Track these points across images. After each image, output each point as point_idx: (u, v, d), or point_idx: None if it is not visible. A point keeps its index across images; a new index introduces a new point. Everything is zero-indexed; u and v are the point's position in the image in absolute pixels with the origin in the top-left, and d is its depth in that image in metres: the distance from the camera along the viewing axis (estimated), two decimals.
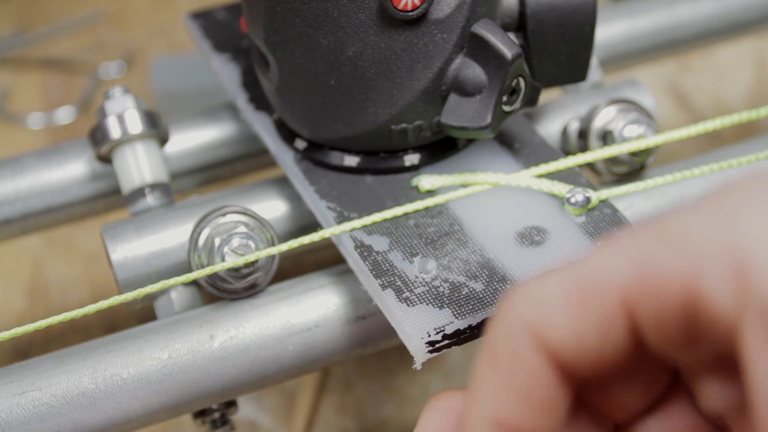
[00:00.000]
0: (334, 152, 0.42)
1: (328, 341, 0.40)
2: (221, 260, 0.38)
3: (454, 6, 0.38)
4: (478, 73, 0.39)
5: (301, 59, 0.39)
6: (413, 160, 0.41)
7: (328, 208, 0.40)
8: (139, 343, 0.38)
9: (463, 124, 0.39)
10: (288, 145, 0.43)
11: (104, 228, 0.42)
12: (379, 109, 0.40)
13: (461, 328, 0.34)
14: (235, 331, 0.39)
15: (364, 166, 0.41)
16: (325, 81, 0.39)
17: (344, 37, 0.38)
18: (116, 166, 0.44)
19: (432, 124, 0.40)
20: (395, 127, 0.40)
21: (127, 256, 0.41)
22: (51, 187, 0.46)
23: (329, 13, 0.37)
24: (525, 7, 0.40)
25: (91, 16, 0.82)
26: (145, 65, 0.76)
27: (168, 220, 0.42)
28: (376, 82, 0.39)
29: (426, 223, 0.39)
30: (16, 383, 0.37)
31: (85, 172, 0.46)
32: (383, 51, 0.38)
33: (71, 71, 0.77)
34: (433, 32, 0.38)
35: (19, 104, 0.74)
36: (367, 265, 0.37)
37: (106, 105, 0.44)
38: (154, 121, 0.44)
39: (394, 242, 0.38)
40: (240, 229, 0.39)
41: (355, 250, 0.37)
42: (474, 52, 0.39)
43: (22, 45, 0.79)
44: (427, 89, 0.39)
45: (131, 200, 0.43)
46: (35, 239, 0.63)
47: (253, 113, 0.45)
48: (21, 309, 0.59)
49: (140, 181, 0.43)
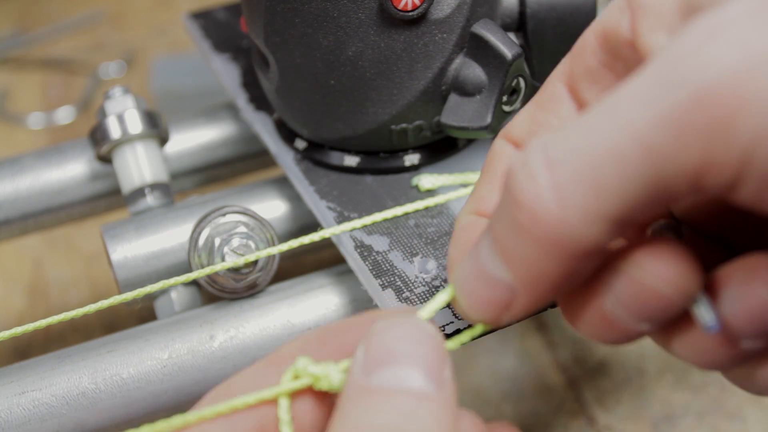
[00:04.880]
0: (334, 152, 0.42)
1: None
2: (221, 260, 0.38)
3: (454, 6, 0.38)
4: (478, 73, 0.39)
5: (301, 59, 0.39)
6: (413, 160, 0.41)
7: (328, 208, 0.40)
8: (139, 343, 0.38)
9: (463, 124, 0.39)
10: (288, 145, 0.43)
11: (104, 228, 0.41)
12: (379, 109, 0.40)
13: (461, 327, 0.34)
14: (235, 331, 0.39)
15: (364, 166, 0.41)
16: (325, 81, 0.39)
17: (344, 37, 0.38)
18: (116, 166, 0.44)
19: (432, 124, 0.40)
20: (395, 127, 0.40)
21: (127, 256, 0.41)
22: (51, 187, 0.46)
23: (329, 13, 0.37)
24: (525, 7, 0.40)
25: (91, 16, 0.82)
26: (145, 65, 0.76)
27: (168, 220, 0.42)
28: (376, 82, 0.39)
29: (426, 223, 0.39)
30: (16, 383, 0.37)
31: (85, 172, 0.46)
32: (383, 51, 0.38)
33: (71, 71, 0.77)
34: (433, 32, 0.38)
35: (19, 104, 0.74)
36: (367, 265, 0.37)
37: (106, 105, 0.44)
38: (154, 121, 0.44)
39: (394, 242, 0.38)
40: (240, 229, 0.39)
41: (355, 250, 0.37)
42: (474, 52, 0.39)
43: (22, 45, 0.79)
44: (427, 89, 0.39)
45: (131, 200, 0.43)
46: (35, 239, 0.63)
47: (253, 113, 0.45)
48: (21, 309, 0.59)
49: (140, 181, 0.43)
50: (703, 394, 0.52)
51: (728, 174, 0.22)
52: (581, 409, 0.51)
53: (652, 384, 0.52)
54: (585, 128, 0.23)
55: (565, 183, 0.23)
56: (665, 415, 0.51)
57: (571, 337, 0.55)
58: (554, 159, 0.23)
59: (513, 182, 0.24)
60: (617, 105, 0.23)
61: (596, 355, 0.54)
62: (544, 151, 0.24)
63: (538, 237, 0.24)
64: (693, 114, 0.21)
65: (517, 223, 0.24)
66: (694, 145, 0.22)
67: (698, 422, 0.50)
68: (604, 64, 0.28)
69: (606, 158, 0.22)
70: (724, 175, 0.22)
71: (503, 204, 0.25)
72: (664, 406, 0.51)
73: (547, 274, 0.24)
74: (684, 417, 0.51)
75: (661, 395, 0.52)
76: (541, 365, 0.54)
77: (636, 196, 0.23)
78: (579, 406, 0.51)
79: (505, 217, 0.25)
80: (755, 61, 0.21)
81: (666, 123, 0.22)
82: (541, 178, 0.23)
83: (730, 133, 0.21)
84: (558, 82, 0.30)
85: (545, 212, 0.23)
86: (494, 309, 0.26)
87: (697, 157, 0.22)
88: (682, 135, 0.22)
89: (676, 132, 0.22)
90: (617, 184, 0.22)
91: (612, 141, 0.22)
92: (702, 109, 0.21)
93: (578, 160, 0.23)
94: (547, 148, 0.24)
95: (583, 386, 0.52)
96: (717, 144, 0.22)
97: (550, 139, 0.24)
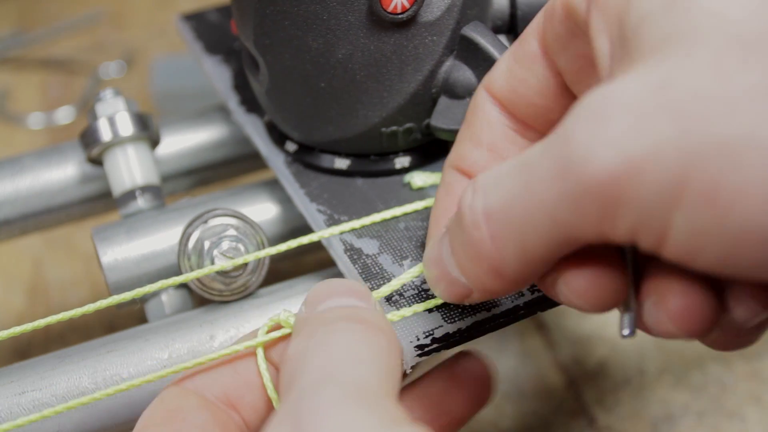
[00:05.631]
0: (325, 155, 0.41)
1: None
2: (211, 263, 0.38)
3: (444, 8, 0.38)
4: (468, 76, 0.38)
5: (291, 62, 0.39)
6: (404, 162, 0.41)
7: (318, 211, 0.40)
8: (139, 343, 0.38)
9: (453, 127, 0.39)
10: (279, 147, 0.43)
11: (95, 230, 0.41)
12: (369, 112, 0.39)
13: (450, 331, 0.34)
14: (235, 331, 0.38)
15: (355, 169, 0.41)
16: (315, 84, 0.39)
17: (334, 40, 0.38)
18: (107, 168, 0.44)
19: (422, 127, 0.40)
20: (385, 130, 0.40)
21: (118, 258, 0.41)
22: (51, 187, 0.46)
23: (319, 15, 0.37)
24: (516, 9, 0.40)
25: (91, 16, 0.82)
26: (145, 65, 0.76)
27: (159, 223, 0.42)
28: (366, 84, 0.39)
29: (416, 226, 0.38)
30: (16, 383, 0.37)
31: (85, 172, 0.46)
32: (373, 53, 0.38)
33: (71, 71, 0.77)
34: (423, 35, 0.38)
35: (19, 104, 0.74)
36: (357, 269, 0.37)
37: (97, 107, 0.44)
38: (145, 123, 0.44)
39: (384, 245, 0.38)
40: (230, 232, 0.38)
41: (345, 254, 0.37)
42: (464, 55, 0.39)
43: (22, 45, 0.79)
44: (417, 92, 0.39)
45: (122, 203, 0.43)
46: (35, 239, 0.63)
47: (245, 115, 0.45)
48: (21, 309, 0.59)
49: (131, 183, 0.43)
50: (703, 394, 0.51)
51: (626, 241, 0.26)
52: (581, 409, 0.51)
53: (652, 384, 0.52)
54: (513, 185, 0.27)
55: (499, 235, 0.28)
56: (665, 415, 0.51)
57: (571, 337, 0.55)
58: (490, 210, 0.28)
59: (464, 224, 0.29)
60: (531, 176, 0.26)
61: (596, 355, 0.54)
62: (485, 198, 0.28)
63: (484, 267, 0.29)
64: (584, 199, 0.25)
65: (468, 253, 0.29)
66: (589, 221, 0.25)
67: (698, 422, 0.50)
68: (570, 33, 0.31)
69: (526, 222, 0.27)
70: (622, 242, 0.26)
71: (458, 231, 0.29)
72: (664, 406, 0.51)
73: (495, 289, 0.30)
74: (684, 417, 0.50)
75: (661, 395, 0.51)
76: (541, 365, 0.53)
77: (553, 247, 0.27)
78: (579, 406, 0.51)
79: (458, 241, 0.30)
80: (633, 166, 0.24)
81: (565, 202, 0.25)
82: (482, 229, 0.28)
83: (615, 216, 0.25)
84: (533, 39, 0.33)
85: (487, 253, 0.28)
86: (455, 297, 0.31)
87: (593, 229, 0.26)
88: (578, 212, 0.25)
89: (573, 209, 0.25)
90: (536, 240, 0.27)
91: (529, 210, 0.27)
92: (590, 197, 0.25)
93: (506, 218, 0.27)
94: (487, 195, 0.28)
95: (583, 386, 0.52)
96: (606, 223, 0.25)
97: (490, 186, 0.28)
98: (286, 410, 0.26)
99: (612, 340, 0.54)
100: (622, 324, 0.29)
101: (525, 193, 0.27)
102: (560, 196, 0.25)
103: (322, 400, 0.26)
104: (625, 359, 0.54)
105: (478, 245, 0.28)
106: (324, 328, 0.29)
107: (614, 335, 0.54)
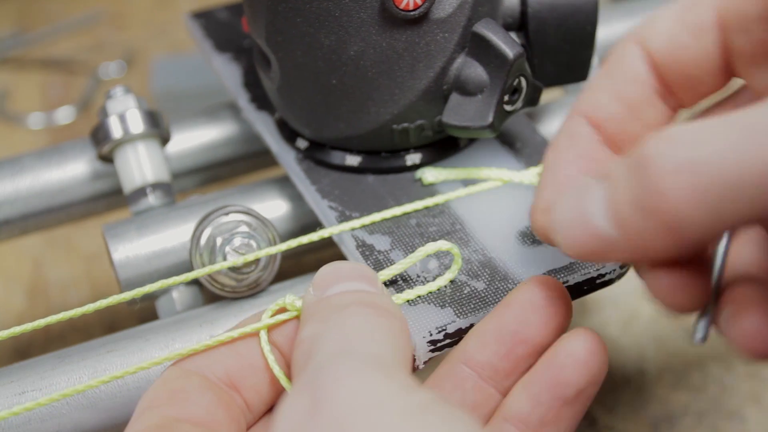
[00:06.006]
0: (336, 152, 0.42)
1: None
2: (223, 259, 0.38)
3: (456, 5, 0.38)
4: (479, 73, 0.39)
5: (302, 59, 0.39)
6: (415, 159, 0.41)
7: (329, 208, 0.40)
8: (139, 343, 0.38)
9: (464, 124, 0.39)
10: (289, 144, 0.43)
11: (105, 227, 0.42)
12: (381, 109, 0.40)
13: (463, 327, 0.34)
14: None
15: (366, 166, 0.41)
16: (326, 80, 0.39)
17: (346, 37, 0.38)
18: (118, 165, 0.44)
19: (434, 124, 0.40)
20: (397, 127, 0.40)
21: (129, 255, 0.41)
22: (51, 187, 0.46)
23: (331, 12, 0.37)
24: (527, 6, 0.40)
25: (91, 16, 0.82)
26: (145, 65, 0.76)
27: (169, 220, 0.42)
28: (378, 81, 0.39)
29: (428, 222, 0.39)
30: (16, 383, 0.37)
31: (85, 172, 0.46)
32: (385, 50, 0.38)
33: (71, 71, 0.77)
34: (435, 32, 0.38)
35: (19, 104, 0.74)
36: (369, 265, 0.37)
37: (107, 105, 0.44)
38: (156, 120, 0.44)
39: (395, 241, 0.38)
40: (242, 229, 0.39)
41: (356, 250, 0.37)
42: (475, 52, 0.39)
43: (22, 45, 0.79)
44: (429, 89, 0.39)
45: (133, 200, 0.43)
46: (35, 239, 0.63)
47: (255, 113, 0.45)
48: (21, 309, 0.59)
49: (142, 180, 0.43)
50: (703, 394, 0.52)
51: None
52: None
53: (652, 384, 0.52)
54: (728, 144, 0.25)
55: (697, 189, 0.25)
56: (665, 415, 0.51)
57: None
58: (695, 163, 0.25)
59: (649, 171, 0.26)
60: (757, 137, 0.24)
61: None
62: (688, 150, 0.25)
63: (658, 221, 0.26)
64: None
65: (643, 203, 0.26)
66: None
67: (698, 422, 0.50)
68: (760, 17, 0.29)
69: (734, 184, 0.25)
70: None
71: (633, 179, 0.27)
72: (664, 406, 0.51)
73: (652, 246, 0.27)
74: (684, 417, 0.51)
75: (661, 395, 0.52)
76: None
77: (745, 217, 0.25)
78: None
79: (629, 194, 0.27)
80: None
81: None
82: (677, 180, 0.25)
83: None
84: (710, 9, 0.31)
85: (672, 206, 0.26)
86: (589, 254, 0.29)
87: None
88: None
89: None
90: (733, 205, 0.25)
91: (742, 173, 0.24)
92: None
93: (712, 174, 0.25)
94: (691, 148, 0.25)
95: None
96: None
97: (695, 139, 0.26)
98: (304, 381, 0.27)
99: (612, 341, 0.55)
100: (695, 328, 0.29)
101: (743, 155, 0.25)
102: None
103: (341, 368, 0.26)
104: (625, 359, 0.54)
105: (662, 196, 0.26)
106: (337, 314, 0.30)
107: (614, 335, 0.55)
